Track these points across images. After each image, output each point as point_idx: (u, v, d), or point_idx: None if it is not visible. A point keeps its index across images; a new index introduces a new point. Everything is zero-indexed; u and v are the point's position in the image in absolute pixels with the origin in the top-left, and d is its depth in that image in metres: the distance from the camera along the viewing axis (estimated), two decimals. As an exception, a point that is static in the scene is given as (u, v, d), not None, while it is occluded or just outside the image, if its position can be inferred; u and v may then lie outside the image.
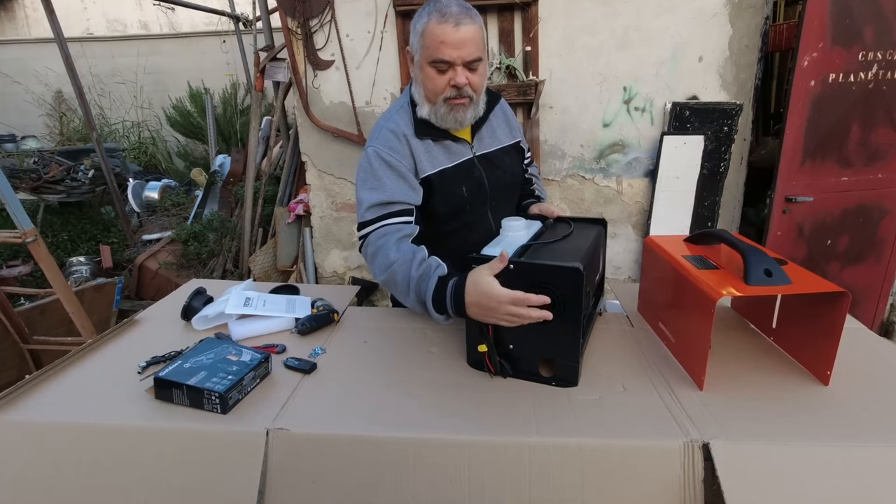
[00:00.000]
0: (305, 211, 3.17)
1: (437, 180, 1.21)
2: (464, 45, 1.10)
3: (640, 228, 2.85)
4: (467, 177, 1.27)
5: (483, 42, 1.14)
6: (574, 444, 0.84)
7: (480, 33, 1.13)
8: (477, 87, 1.17)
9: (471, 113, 1.21)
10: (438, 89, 1.15)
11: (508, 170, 1.35)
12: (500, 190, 1.33)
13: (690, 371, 1.01)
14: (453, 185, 1.24)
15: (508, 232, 1.11)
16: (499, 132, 1.35)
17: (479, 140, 1.30)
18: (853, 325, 1.19)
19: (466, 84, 1.14)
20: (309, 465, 0.86)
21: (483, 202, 1.31)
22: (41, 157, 4.59)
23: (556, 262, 0.94)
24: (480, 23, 1.14)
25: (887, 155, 2.39)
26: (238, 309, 1.22)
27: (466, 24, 1.09)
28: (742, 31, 2.47)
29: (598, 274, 1.19)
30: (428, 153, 1.21)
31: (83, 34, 7.03)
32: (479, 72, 1.16)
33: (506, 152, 1.36)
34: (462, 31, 1.09)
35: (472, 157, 1.28)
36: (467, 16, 1.10)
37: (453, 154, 1.25)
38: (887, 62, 2.24)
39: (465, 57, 1.11)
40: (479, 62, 1.14)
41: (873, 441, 0.82)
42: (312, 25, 2.64)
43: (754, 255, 0.95)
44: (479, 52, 1.13)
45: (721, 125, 2.57)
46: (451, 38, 1.09)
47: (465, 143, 1.27)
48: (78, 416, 0.92)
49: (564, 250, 1.04)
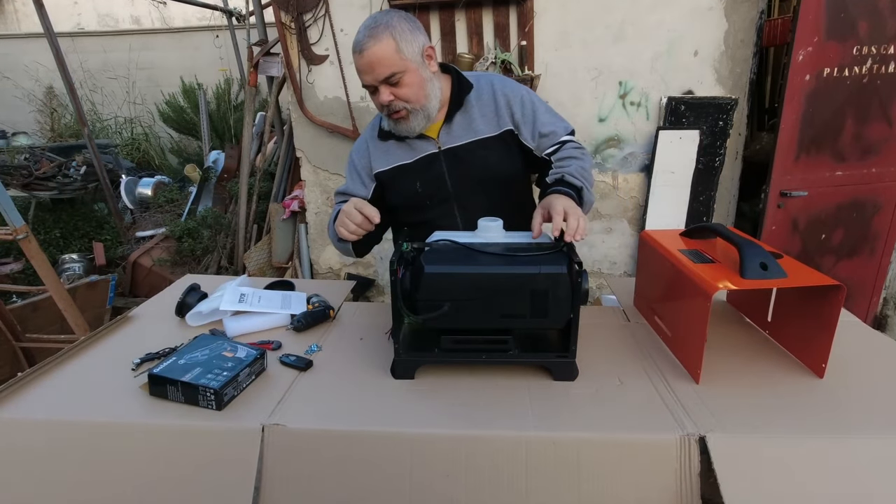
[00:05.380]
0: (300, 207, 3.16)
1: (389, 176, 1.31)
2: (372, 68, 1.13)
3: (636, 223, 2.85)
4: (424, 171, 1.28)
5: (397, 53, 1.12)
6: (571, 437, 0.84)
7: (389, 49, 1.11)
8: (408, 98, 1.17)
9: (416, 121, 1.21)
10: (378, 107, 1.22)
11: (479, 163, 1.27)
12: (468, 185, 1.28)
13: (686, 365, 1.01)
14: (408, 180, 1.29)
15: (483, 232, 1.08)
16: (478, 123, 1.27)
17: (448, 133, 1.27)
18: (847, 318, 1.19)
19: (391, 100, 1.16)
20: (305, 461, 0.85)
21: (445, 198, 1.29)
22: (32, 153, 4.54)
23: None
24: (391, 35, 1.11)
25: (881, 149, 2.40)
26: (233, 305, 1.22)
27: (370, 45, 1.11)
28: (737, 26, 2.47)
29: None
30: (385, 152, 1.31)
31: (74, 29, 6.94)
32: (404, 82, 1.15)
33: (482, 144, 1.27)
34: (366, 55, 1.12)
35: (436, 152, 1.27)
36: (371, 37, 1.11)
37: (415, 150, 1.29)
38: (881, 56, 2.24)
39: (378, 78, 1.14)
40: (396, 75, 1.14)
41: (868, 433, 0.82)
42: (306, 20, 2.62)
43: (750, 249, 0.95)
44: (390, 69, 1.13)
45: (716, 120, 2.58)
46: (360, 64, 1.14)
47: (429, 139, 1.28)
48: (71, 413, 0.91)
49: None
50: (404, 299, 0.95)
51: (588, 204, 1.20)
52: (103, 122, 6.55)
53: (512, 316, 0.95)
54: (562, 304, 0.93)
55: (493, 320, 0.96)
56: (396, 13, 1.16)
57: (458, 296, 0.93)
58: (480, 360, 1.00)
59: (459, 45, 2.60)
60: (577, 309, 0.94)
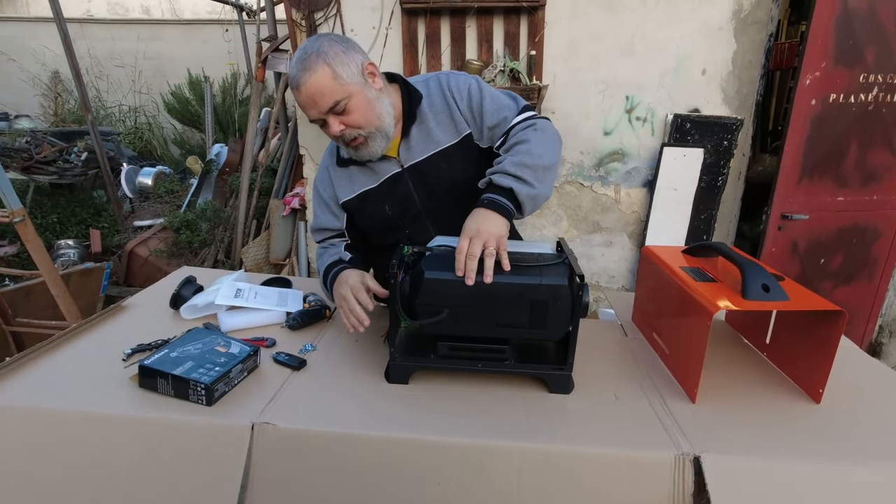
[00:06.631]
0: (301, 204, 3.15)
1: (357, 203, 1.24)
2: (314, 101, 1.05)
3: (636, 238, 2.85)
4: (390, 193, 1.21)
5: (335, 80, 1.04)
6: (564, 451, 0.83)
7: (325, 77, 1.03)
8: (359, 123, 1.09)
9: (375, 145, 1.13)
10: (333, 139, 1.14)
11: (444, 175, 1.19)
12: (437, 199, 1.21)
13: (683, 383, 1.00)
14: (376, 204, 1.22)
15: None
16: (436, 133, 1.18)
17: (408, 150, 1.19)
18: (845, 343, 1.19)
19: (343, 130, 1.08)
20: (294, 461, 0.84)
21: (417, 216, 1.23)
22: (34, 136, 4.52)
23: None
24: (325, 62, 1.03)
25: (883, 177, 2.41)
26: (228, 300, 1.20)
27: (305, 79, 1.03)
28: (746, 47, 2.48)
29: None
30: (349, 179, 1.24)
31: (83, 15, 6.93)
32: (350, 108, 1.07)
33: (445, 155, 1.18)
34: (304, 89, 1.04)
35: (399, 171, 1.20)
36: (304, 70, 1.03)
37: (378, 174, 1.21)
38: (888, 85, 2.26)
39: (322, 110, 1.06)
40: (341, 103, 1.05)
41: (864, 460, 0.82)
42: (317, 18, 2.62)
43: (752, 270, 0.95)
44: (332, 97, 1.04)
45: (721, 139, 2.58)
46: (301, 100, 1.06)
47: (390, 160, 1.20)
48: (59, 402, 0.90)
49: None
50: (403, 303, 0.94)
51: (529, 199, 1.03)
52: (107, 109, 6.53)
53: (510, 325, 0.94)
54: (561, 317, 0.92)
55: (491, 329, 0.95)
56: (326, 37, 1.07)
57: (457, 302, 0.92)
58: (476, 369, 0.99)
59: (469, 52, 2.61)
60: (577, 322, 0.93)
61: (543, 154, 1.06)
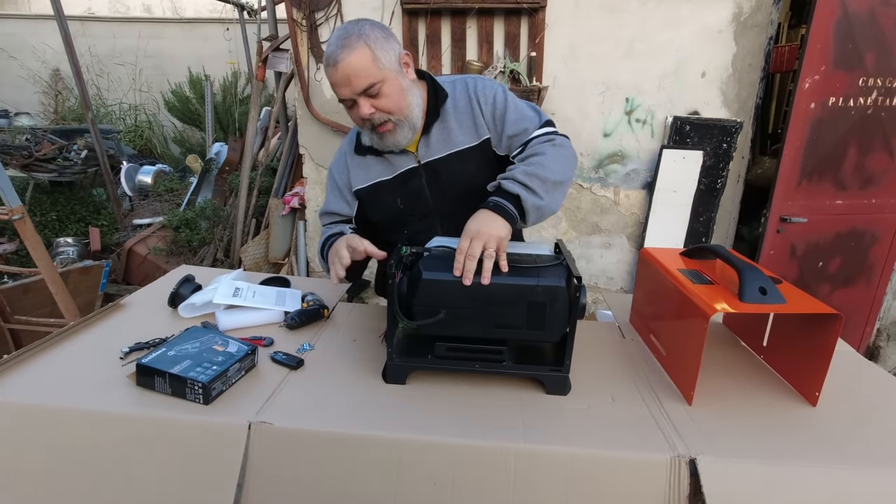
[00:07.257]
0: (300, 204, 3.15)
1: (369, 193, 1.26)
2: (349, 81, 1.06)
3: (635, 240, 2.85)
4: (404, 187, 1.22)
5: (374, 62, 1.05)
6: (560, 452, 0.83)
7: (365, 58, 1.05)
8: (390, 109, 1.10)
9: (402, 134, 1.14)
10: (359, 122, 1.15)
11: (459, 177, 1.20)
12: (450, 199, 1.23)
13: (680, 385, 1.01)
14: (387, 196, 1.24)
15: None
16: (455, 134, 1.20)
17: (427, 147, 1.20)
18: (842, 347, 1.19)
19: (373, 113, 1.09)
20: (290, 461, 0.84)
21: (426, 213, 1.24)
22: (34, 134, 4.52)
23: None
24: (366, 44, 1.05)
25: (882, 181, 2.42)
26: (227, 299, 1.20)
27: (344, 56, 1.04)
28: (746, 50, 2.49)
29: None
30: (364, 168, 1.26)
31: (84, 13, 6.93)
32: (384, 93, 1.08)
33: (460, 157, 1.20)
34: (341, 67, 1.04)
35: (416, 167, 1.22)
36: (345, 47, 1.04)
37: (395, 166, 1.22)
38: (887, 89, 2.26)
39: (356, 90, 1.06)
40: (376, 86, 1.07)
41: (860, 464, 0.82)
42: (318, 18, 2.62)
43: (750, 273, 0.95)
44: (369, 79, 1.06)
45: (720, 142, 2.59)
46: (336, 77, 1.07)
47: (408, 154, 1.21)
48: (56, 399, 0.90)
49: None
50: (400, 303, 0.94)
51: (535, 209, 1.05)
52: (108, 107, 6.53)
53: (508, 327, 0.94)
54: (559, 318, 0.92)
55: (488, 330, 0.95)
56: (367, 22, 1.09)
57: (454, 303, 0.93)
58: (474, 369, 1.00)
59: (469, 53, 2.61)
60: (574, 323, 0.94)
61: (557, 169, 1.08)
